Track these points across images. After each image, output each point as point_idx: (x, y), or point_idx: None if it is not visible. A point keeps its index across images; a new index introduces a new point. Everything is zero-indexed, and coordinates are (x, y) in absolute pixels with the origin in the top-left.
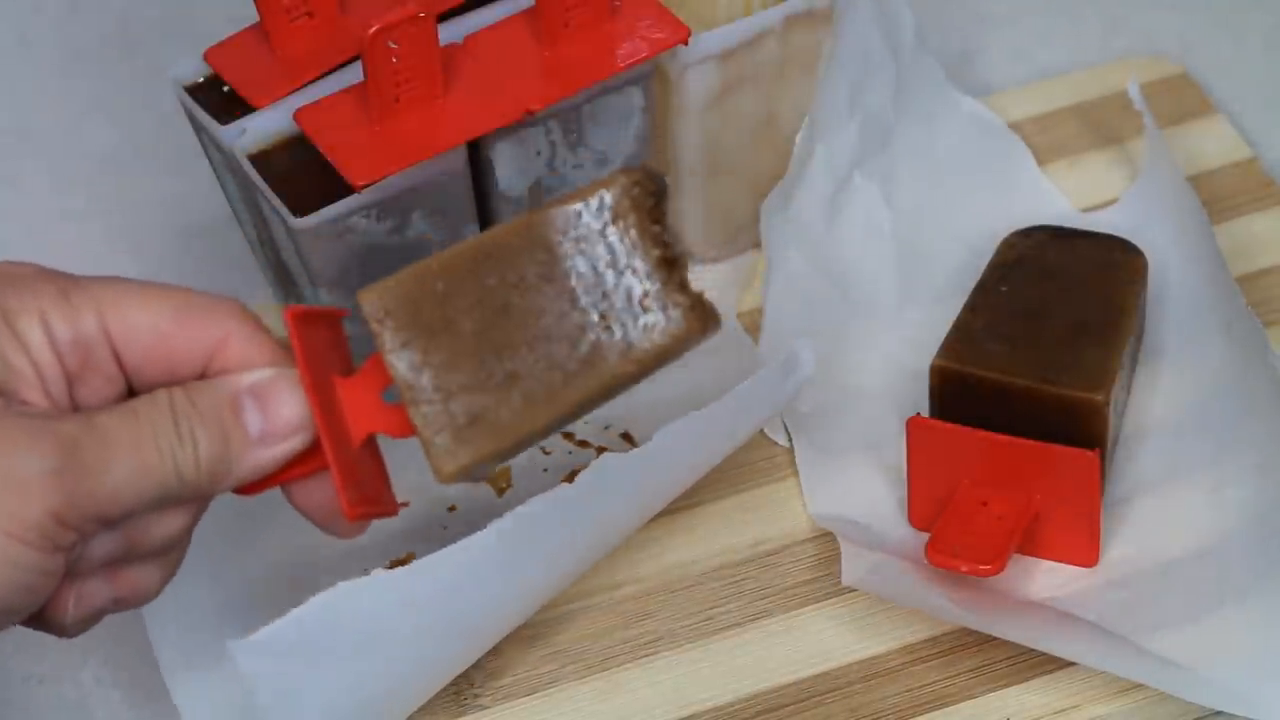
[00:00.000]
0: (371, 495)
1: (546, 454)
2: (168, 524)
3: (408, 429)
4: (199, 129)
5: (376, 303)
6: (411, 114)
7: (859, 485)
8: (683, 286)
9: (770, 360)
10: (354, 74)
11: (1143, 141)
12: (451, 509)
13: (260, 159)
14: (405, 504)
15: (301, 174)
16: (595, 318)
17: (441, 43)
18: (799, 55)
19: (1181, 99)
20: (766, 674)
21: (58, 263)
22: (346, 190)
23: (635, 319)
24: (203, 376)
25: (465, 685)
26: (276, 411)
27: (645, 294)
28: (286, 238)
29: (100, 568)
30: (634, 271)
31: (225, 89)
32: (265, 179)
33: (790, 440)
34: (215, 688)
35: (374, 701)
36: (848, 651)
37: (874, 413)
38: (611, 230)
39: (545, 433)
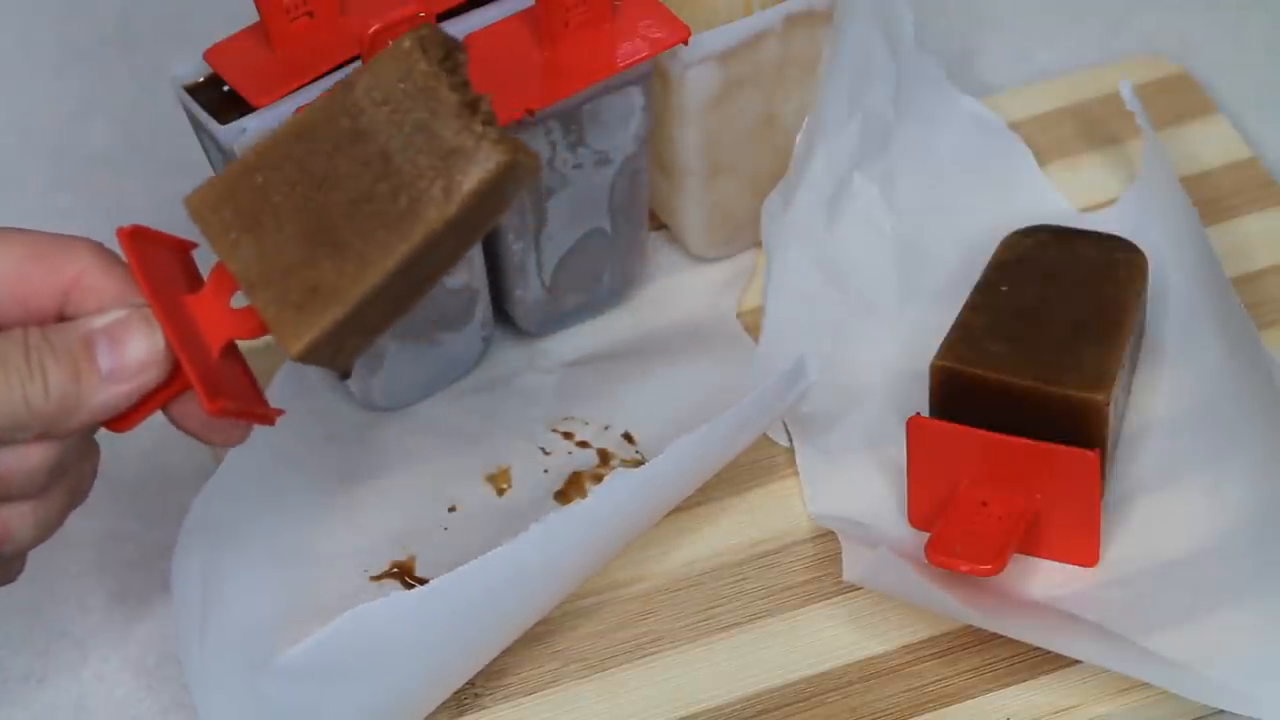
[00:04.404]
0: (237, 396)
1: (547, 454)
2: (29, 459)
3: (259, 327)
4: (199, 129)
5: (200, 206)
6: None
7: (859, 485)
8: (487, 122)
9: (775, 367)
10: None
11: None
12: (452, 509)
13: None
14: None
15: None
16: (409, 169)
17: None
18: (799, 55)
19: (1181, 99)
20: (766, 674)
21: None
22: None
23: (446, 161)
24: (61, 316)
25: (466, 685)
26: (127, 349)
27: (452, 136)
28: None
29: None
30: (437, 117)
31: (225, 89)
32: None
33: (790, 440)
34: (242, 707)
35: (387, 714)
36: (848, 651)
37: (874, 413)
38: (409, 84)
39: (389, 295)
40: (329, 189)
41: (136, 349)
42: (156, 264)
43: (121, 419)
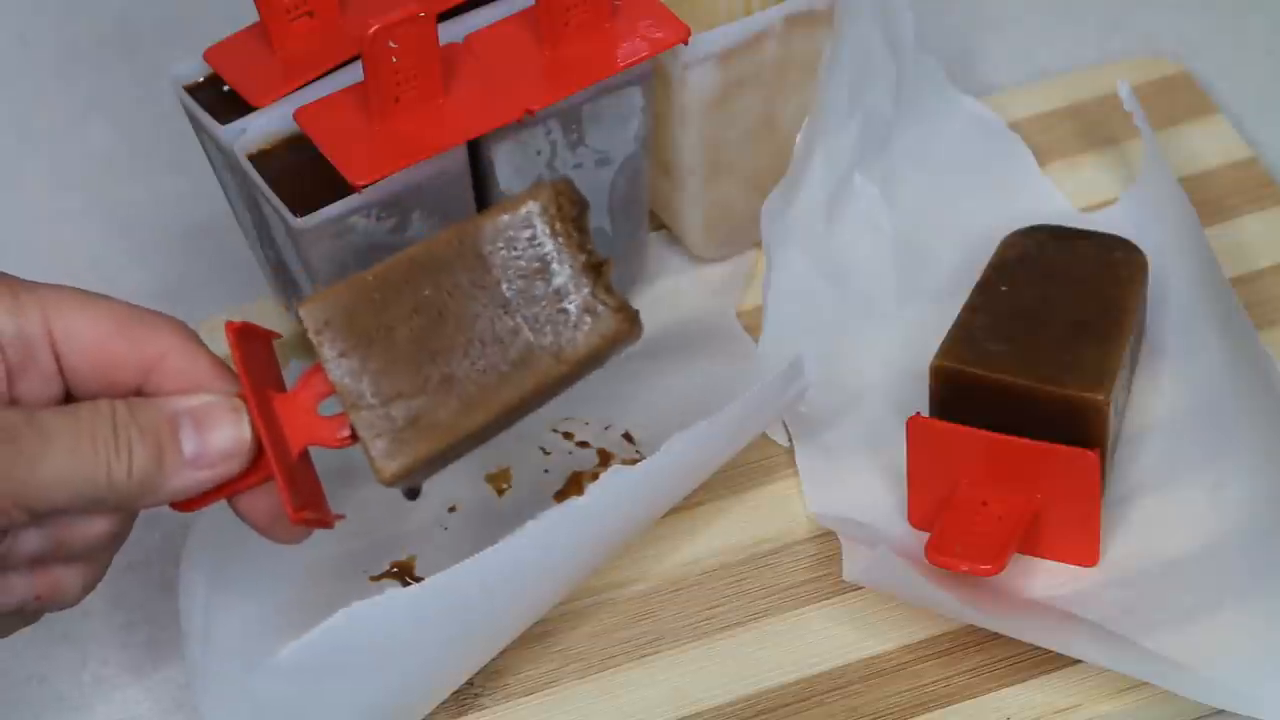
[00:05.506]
0: (312, 503)
1: (546, 454)
2: (94, 528)
3: (348, 440)
4: (199, 129)
5: (316, 314)
6: (411, 114)
7: (859, 485)
8: (608, 289)
9: (772, 366)
10: (354, 74)
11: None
12: (452, 509)
13: (260, 159)
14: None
15: (301, 174)
16: (526, 321)
17: (441, 42)
18: (799, 55)
19: (1181, 99)
20: (766, 674)
21: (57, 262)
22: (346, 190)
23: (565, 321)
24: (140, 390)
25: (465, 685)
26: (211, 438)
27: (573, 297)
28: (286, 238)
29: (25, 564)
30: (562, 276)
31: (225, 89)
32: (265, 179)
33: (790, 440)
34: (243, 709)
35: (386, 713)
36: (848, 651)
37: (874, 413)
38: (539, 238)
39: (482, 434)
40: (445, 325)
41: (222, 438)
42: (252, 358)
43: (189, 501)
